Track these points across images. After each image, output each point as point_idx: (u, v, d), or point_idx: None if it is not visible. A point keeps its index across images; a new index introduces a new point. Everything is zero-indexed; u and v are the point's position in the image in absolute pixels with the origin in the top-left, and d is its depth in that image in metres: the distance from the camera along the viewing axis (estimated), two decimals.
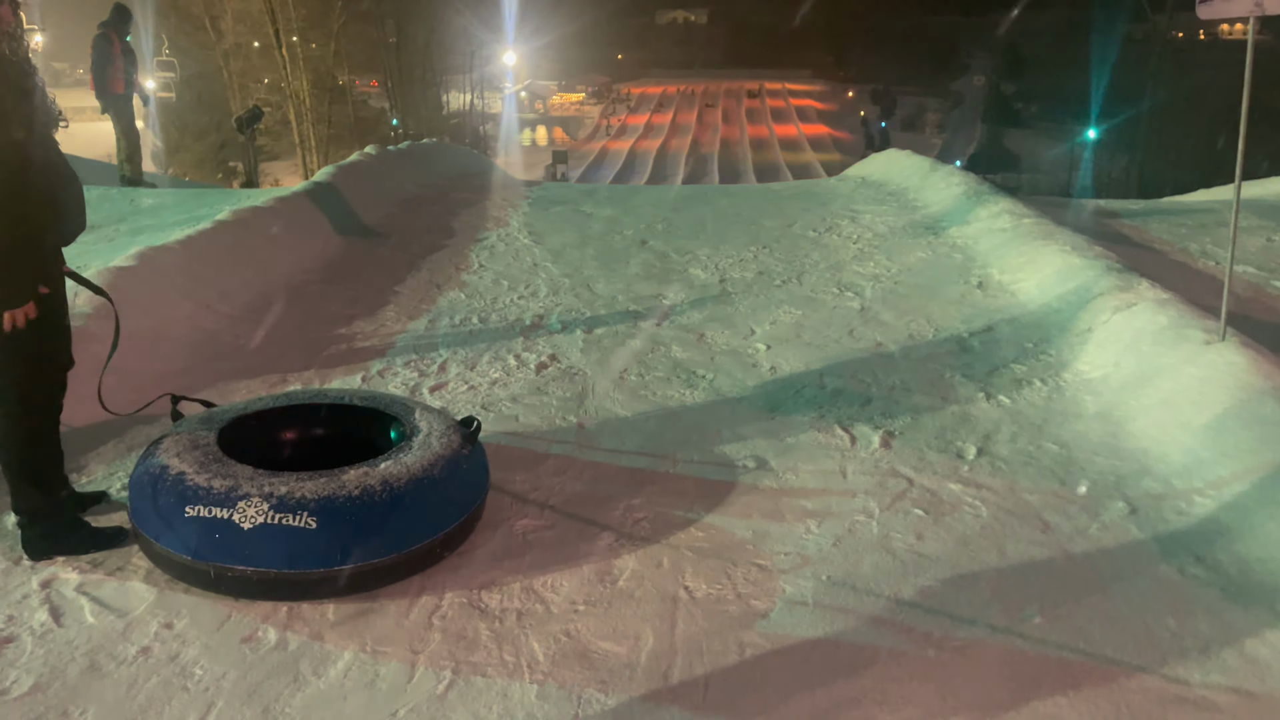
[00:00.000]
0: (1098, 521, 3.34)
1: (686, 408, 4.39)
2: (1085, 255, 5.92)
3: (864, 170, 11.48)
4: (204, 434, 3.17)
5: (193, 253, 5.74)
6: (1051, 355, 4.92)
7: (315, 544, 2.77)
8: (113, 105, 10.25)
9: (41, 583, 2.94)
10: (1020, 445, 3.96)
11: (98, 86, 10.08)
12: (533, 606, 2.87)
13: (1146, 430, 3.97)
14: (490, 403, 4.42)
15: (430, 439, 3.19)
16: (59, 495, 3.14)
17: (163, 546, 2.86)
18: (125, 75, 10.18)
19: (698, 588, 2.97)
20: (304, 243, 6.94)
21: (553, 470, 3.76)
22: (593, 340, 5.29)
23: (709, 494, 3.58)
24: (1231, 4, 4.18)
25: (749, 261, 6.99)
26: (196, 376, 4.60)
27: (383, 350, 5.12)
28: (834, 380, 4.69)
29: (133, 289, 4.95)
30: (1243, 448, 3.54)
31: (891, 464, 3.80)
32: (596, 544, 3.22)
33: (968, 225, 7.60)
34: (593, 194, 10.44)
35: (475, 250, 7.38)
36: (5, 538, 3.14)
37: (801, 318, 5.67)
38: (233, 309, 5.54)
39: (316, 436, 3.51)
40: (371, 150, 9.94)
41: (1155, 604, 2.86)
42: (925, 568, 3.06)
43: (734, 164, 61.73)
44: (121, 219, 7.94)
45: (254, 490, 2.83)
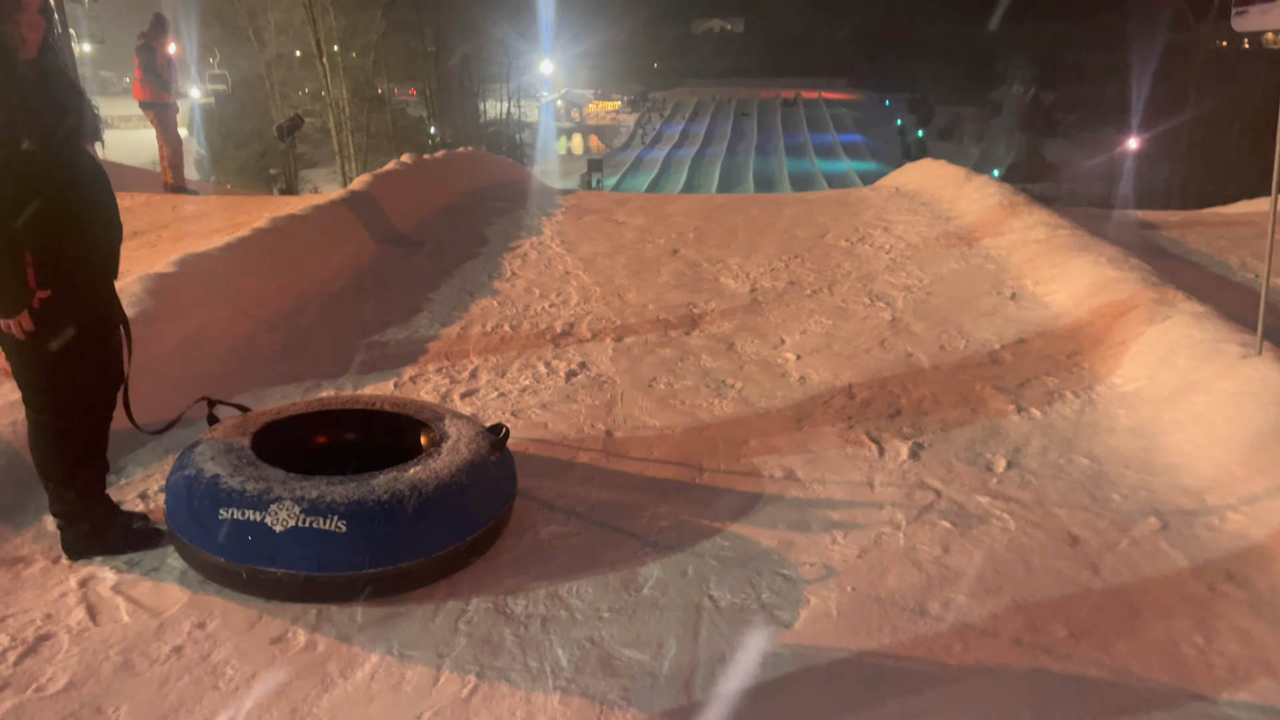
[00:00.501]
0: (1127, 536, 3.31)
1: (715, 417, 4.41)
2: (1121, 267, 5.86)
3: (898, 180, 11.43)
4: (238, 438, 3.23)
5: (233, 259, 5.85)
6: (1084, 368, 4.88)
7: (344, 547, 2.82)
8: (158, 113, 10.47)
9: (79, 581, 3.01)
10: (1050, 459, 3.93)
11: (149, 94, 10.30)
12: (557, 613, 2.90)
13: (1180, 445, 3.92)
14: (520, 409, 4.46)
15: (459, 445, 3.23)
16: (97, 497, 3.18)
17: (197, 548, 2.93)
18: (171, 84, 10.42)
19: (722, 597, 2.98)
20: (340, 250, 7.04)
21: (580, 477, 3.79)
22: (622, 349, 5.32)
23: (735, 503, 3.59)
24: (1268, 15, 4.13)
25: (780, 271, 6.99)
26: (234, 381, 4.68)
27: (415, 357, 5.18)
28: (863, 391, 4.68)
29: (174, 295, 5.06)
30: (1278, 464, 3.49)
31: (919, 475, 3.79)
32: (622, 552, 3.25)
33: (1002, 236, 7.54)
34: (625, 203, 10.49)
35: (508, 258, 7.45)
36: (46, 538, 3.22)
37: (832, 328, 5.67)
38: (270, 315, 5.64)
39: (348, 441, 3.57)
40: (408, 159, 10.06)
41: (1183, 621, 2.83)
42: (951, 581, 3.05)
43: (769, 173, 61.60)
44: (164, 225, 8.11)
45: (286, 494, 2.89)
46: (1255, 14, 4.16)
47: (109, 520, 3.19)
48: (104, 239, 3.00)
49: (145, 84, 10.31)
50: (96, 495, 3.18)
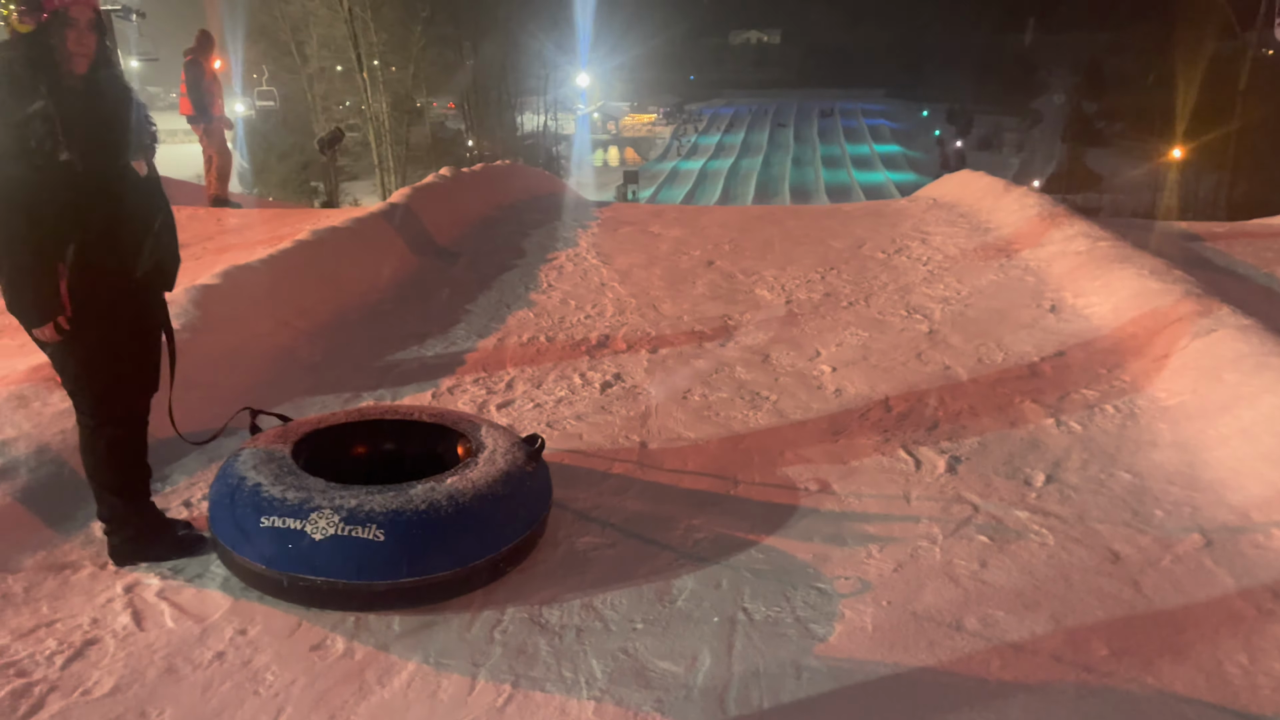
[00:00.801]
0: (1170, 553, 3.26)
1: (750, 429, 4.40)
2: (1164, 279, 5.78)
3: (935, 191, 11.36)
4: (280, 447, 3.29)
5: (275, 271, 5.95)
6: (1126, 381, 4.81)
7: (382, 556, 2.86)
8: (206, 127, 10.66)
9: (125, 587, 3.07)
10: (1091, 473, 3.88)
11: (197, 110, 10.50)
12: (592, 624, 2.91)
13: (1224, 460, 3.85)
14: (555, 420, 4.49)
15: (495, 455, 3.26)
16: (144, 503, 3.25)
17: (239, 555, 2.98)
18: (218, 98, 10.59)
19: (756, 610, 2.97)
20: (380, 262, 7.13)
21: (615, 489, 3.81)
22: (657, 360, 5.33)
23: (770, 516, 3.58)
24: None
25: (816, 282, 6.97)
26: (275, 391, 4.76)
27: (452, 367, 5.23)
28: (900, 403, 4.65)
29: (218, 306, 5.16)
30: None
31: (956, 489, 3.76)
32: (656, 563, 3.25)
33: (1042, 248, 7.46)
34: (661, 214, 10.52)
35: (544, 270, 7.50)
36: (94, 544, 3.29)
37: (868, 340, 5.64)
38: (311, 326, 5.72)
39: (386, 451, 3.62)
40: (446, 172, 10.17)
41: (1228, 640, 2.78)
42: (989, 596, 3.02)
43: (805, 184, 61.42)
44: (209, 237, 8.26)
45: (325, 502, 2.93)
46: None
47: (155, 527, 3.25)
48: (144, 253, 3.00)
49: (191, 99, 10.53)
50: (142, 502, 3.24)
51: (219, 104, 10.65)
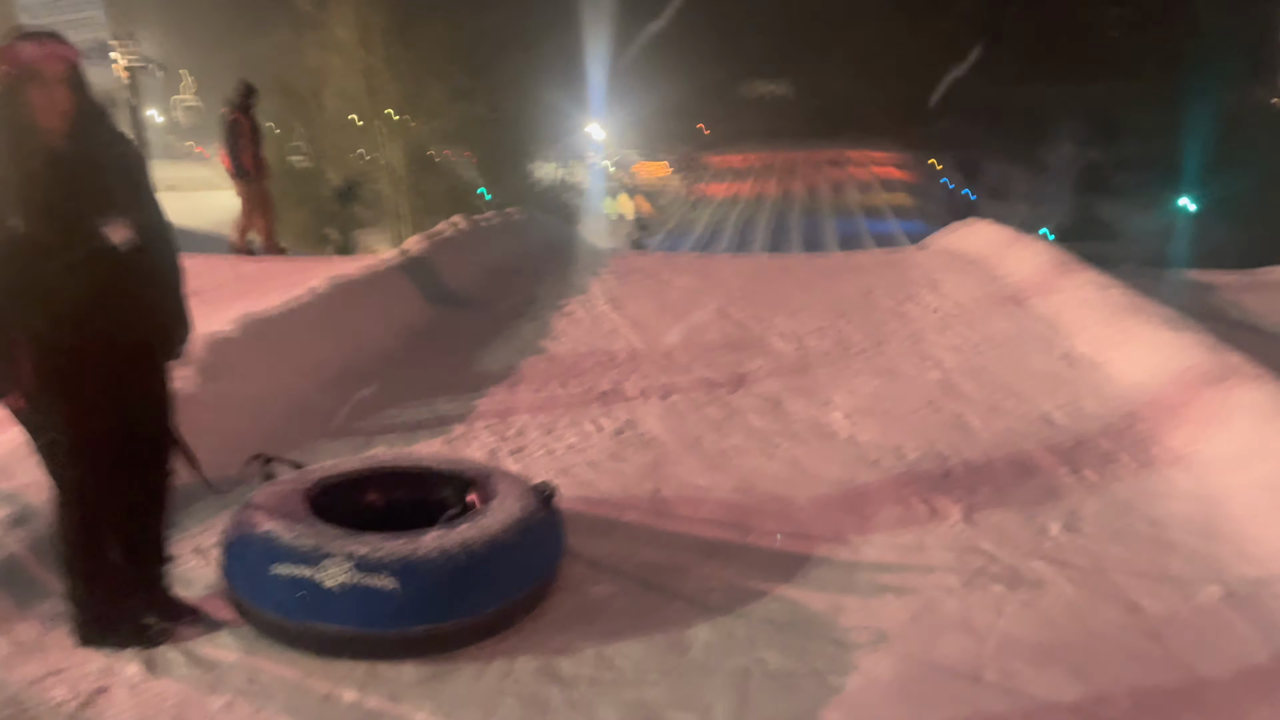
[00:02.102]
0: (1191, 605, 3.22)
1: (762, 477, 4.38)
2: (1176, 328, 5.77)
3: (945, 240, 11.40)
4: (293, 494, 3.29)
5: (291, 321, 6.00)
6: (1141, 431, 4.78)
7: (394, 604, 2.84)
8: (245, 183, 10.70)
9: None
10: (1107, 523, 3.84)
11: (234, 165, 10.62)
12: (605, 674, 2.88)
13: (1243, 511, 3.81)
14: (567, 468, 4.48)
15: (507, 503, 3.25)
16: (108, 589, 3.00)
17: (250, 602, 2.97)
18: (255, 154, 10.59)
19: (771, 660, 2.94)
20: (394, 311, 7.18)
21: (627, 537, 3.79)
22: (669, 407, 5.33)
23: (784, 565, 3.55)
24: None
25: (827, 330, 6.98)
26: (290, 439, 4.76)
27: (465, 416, 5.24)
28: (913, 452, 4.63)
29: (235, 355, 5.20)
30: None
31: (972, 539, 3.73)
32: (670, 613, 3.22)
33: (1052, 296, 7.47)
34: (673, 262, 10.59)
35: (557, 317, 7.53)
36: None
37: (880, 388, 5.63)
38: (326, 375, 5.75)
39: (398, 499, 3.61)
40: (459, 220, 10.27)
41: (1251, 695, 2.73)
42: (1006, 647, 2.98)
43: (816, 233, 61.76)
44: (223, 285, 8.34)
45: (338, 550, 2.92)
46: None
47: (116, 616, 3.01)
48: (111, 325, 2.82)
49: (229, 153, 10.57)
50: (103, 589, 2.99)
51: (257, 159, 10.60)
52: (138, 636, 3.03)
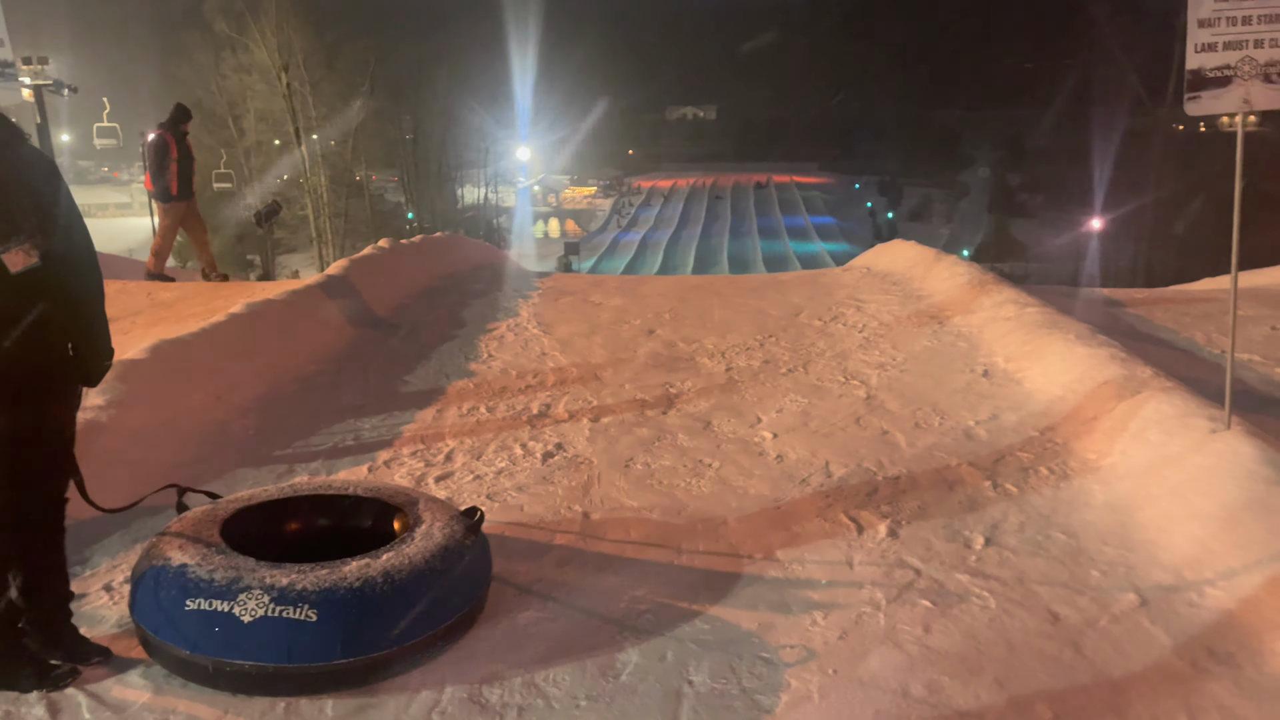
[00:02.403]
0: (1108, 613, 3.29)
1: (692, 497, 4.38)
2: (1089, 344, 5.95)
3: (869, 260, 11.62)
4: (208, 526, 3.18)
5: (206, 345, 5.83)
6: (1058, 443, 4.91)
7: (315, 637, 2.76)
8: (168, 207, 10.34)
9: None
10: (1028, 534, 3.92)
11: (157, 188, 10.27)
12: (534, 701, 2.83)
13: (1155, 520, 3.93)
14: (495, 492, 4.42)
15: (433, 530, 3.19)
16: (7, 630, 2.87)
17: (162, 640, 2.85)
18: (181, 177, 10.24)
19: (702, 682, 2.92)
20: (317, 334, 7.04)
21: (557, 561, 3.74)
22: (599, 429, 5.31)
23: (714, 585, 3.54)
24: (1220, 100, 4.28)
25: (755, 350, 7.04)
26: (205, 468, 4.62)
27: (390, 440, 5.15)
28: (840, 469, 4.68)
29: (146, 381, 5.02)
30: (1253, 538, 3.50)
31: (898, 554, 3.77)
32: (600, 637, 3.19)
33: (972, 314, 7.65)
34: (601, 284, 10.58)
35: (485, 340, 7.46)
36: None
37: (808, 406, 5.69)
38: (244, 400, 5.60)
39: (320, 527, 3.52)
40: (385, 243, 10.13)
41: (1167, 700, 2.80)
42: (932, 661, 3.02)
43: (743, 254, 62.52)
44: (138, 311, 8.08)
45: (255, 582, 2.83)
46: (1207, 99, 4.32)
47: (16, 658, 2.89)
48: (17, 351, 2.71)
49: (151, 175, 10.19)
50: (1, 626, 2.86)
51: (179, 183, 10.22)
52: (41, 679, 2.88)
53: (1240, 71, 4.18)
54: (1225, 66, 4.21)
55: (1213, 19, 4.21)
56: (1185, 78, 4.32)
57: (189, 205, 10.60)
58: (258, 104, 37.93)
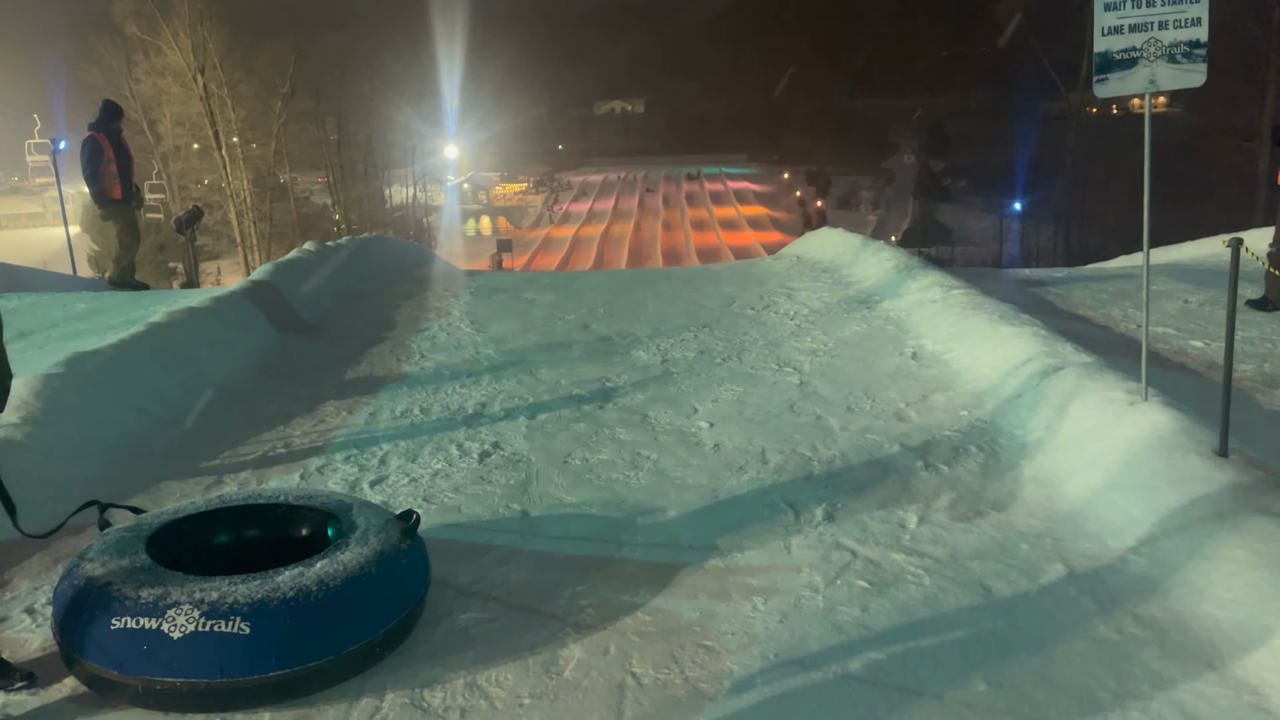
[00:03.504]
0: (1037, 585, 3.38)
1: (631, 490, 4.39)
2: (1012, 323, 6.10)
3: (799, 249, 11.75)
4: (132, 542, 3.09)
5: (125, 356, 5.65)
6: (985, 421, 5.03)
7: (248, 650, 2.70)
8: (111, 210, 9.89)
9: None
10: (959, 512, 4.01)
11: (93, 192, 9.82)
12: (477, 703, 2.81)
13: (1079, 492, 4.05)
14: (432, 494, 4.37)
15: (368, 535, 3.14)
16: None
17: (89, 662, 2.76)
18: (121, 178, 9.77)
19: (645, 674, 2.93)
20: (241, 341, 6.87)
21: (496, 560, 3.72)
22: (536, 426, 5.28)
23: (655, 577, 3.55)
24: (1126, 82, 4.41)
25: (690, 341, 7.07)
26: (128, 482, 4.48)
27: (322, 447, 5.05)
28: (776, 456, 4.72)
29: (62, 396, 4.85)
30: (1171, 505, 3.63)
31: (835, 536, 3.82)
32: (541, 634, 3.18)
33: (899, 298, 7.79)
34: (535, 281, 10.52)
35: (416, 341, 7.37)
36: None
37: (743, 395, 5.73)
38: (166, 411, 5.44)
39: (251, 538, 3.44)
40: (311, 246, 9.93)
41: (1096, 666, 2.89)
42: (871, 640, 3.07)
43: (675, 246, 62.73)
44: (54, 325, 7.81)
45: (184, 597, 2.76)
46: (1115, 81, 4.44)
47: None
48: None
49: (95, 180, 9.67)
50: None
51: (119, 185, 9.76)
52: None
53: (1145, 53, 4.32)
54: (1131, 49, 4.34)
55: (1118, 2, 4.34)
56: (1093, 60, 4.44)
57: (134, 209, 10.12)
58: (174, 108, 36.87)
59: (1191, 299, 7.70)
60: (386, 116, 52.37)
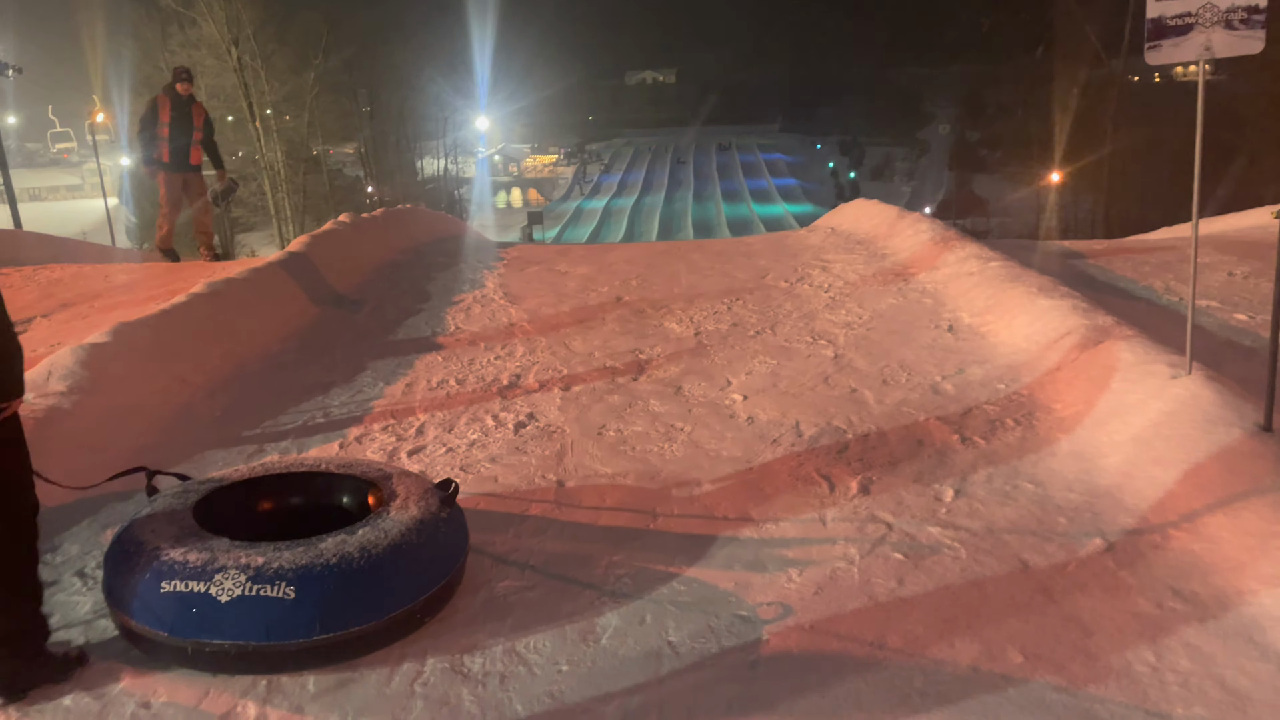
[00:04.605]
0: (1075, 559, 3.36)
1: (666, 461, 4.40)
2: (1052, 296, 6.02)
3: (833, 220, 11.66)
4: (179, 508, 3.15)
5: (168, 326, 5.74)
6: (1023, 395, 4.98)
7: (293, 614, 2.75)
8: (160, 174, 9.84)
9: None
10: (996, 485, 3.99)
11: (144, 155, 9.85)
12: (516, 669, 2.86)
13: (1119, 466, 4.01)
14: (469, 464, 4.42)
15: (408, 504, 3.19)
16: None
17: (139, 624, 2.83)
18: (172, 143, 9.63)
19: (681, 642, 2.96)
20: (279, 313, 6.96)
21: (533, 530, 3.76)
22: (570, 397, 5.31)
23: (690, 547, 3.58)
24: (1180, 49, 4.31)
25: (723, 313, 7.06)
26: (173, 450, 4.57)
27: (360, 416, 5.12)
28: (810, 428, 4.72)
29: (108, 365, 4.95)
30: (1214, 480, 3.59)
31: (870, 509, 3.82)
32: (579, 603, 3.21)
33: (936, 270, 7.71)
34: (567, 253, 10.53)
35: (451, 313, 7.42)
36: None
37: (777, 367, 5.72)
38: (208, 381, 5.53)
39: (294, 506, 3.50)
40: (346, 218, 10.00)
41: (1134, 640, 2.87)
42: (907, 612, 3.07)
43: (707, 218, 62.42)
44: (96, 295, 7.94)
45: (231, 562, 2.81)
46: (1168, 47, 4.34)
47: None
48: None
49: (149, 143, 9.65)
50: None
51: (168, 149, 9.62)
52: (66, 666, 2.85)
53: (1201, 19, 4.21)
54: (1186, 14, 4.23)
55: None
56: (1146, 26, 4.34)
57: (188, 177, 9.93)
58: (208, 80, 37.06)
59: (1236, 271, 7.56)
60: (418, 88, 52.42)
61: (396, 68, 49.01)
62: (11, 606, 2.75)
